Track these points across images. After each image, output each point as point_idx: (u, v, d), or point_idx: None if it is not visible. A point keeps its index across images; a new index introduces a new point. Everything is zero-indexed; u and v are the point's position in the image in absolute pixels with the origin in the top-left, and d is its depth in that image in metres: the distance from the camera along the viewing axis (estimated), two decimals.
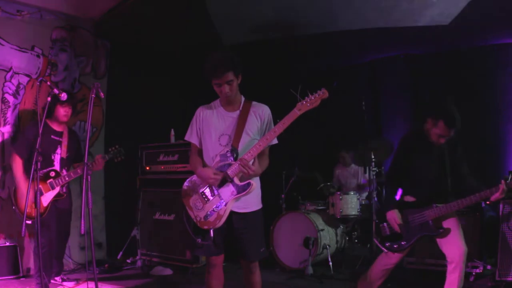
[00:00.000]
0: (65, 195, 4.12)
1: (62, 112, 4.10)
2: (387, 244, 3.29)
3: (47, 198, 3.98)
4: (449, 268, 3.09)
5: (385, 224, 3.30)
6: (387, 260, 3.32)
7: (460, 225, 3.17)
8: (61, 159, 4.16)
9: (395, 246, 3.25)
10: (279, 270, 4.93)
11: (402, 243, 3.22)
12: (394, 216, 3.19)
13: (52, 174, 4.03)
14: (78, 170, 4.05)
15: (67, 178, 4.04)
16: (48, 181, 4.00)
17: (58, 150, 4.14)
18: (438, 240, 3.18)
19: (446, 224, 3.15)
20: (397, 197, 3.42)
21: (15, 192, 4.05)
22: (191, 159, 2.95)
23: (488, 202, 2.98)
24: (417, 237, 3.19)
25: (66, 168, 4.21)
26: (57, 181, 4.01)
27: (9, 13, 4.72)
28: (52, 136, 4.11)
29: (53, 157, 4.10)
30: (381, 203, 3.41)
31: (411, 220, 3.19)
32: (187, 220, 2.88)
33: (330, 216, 5.14)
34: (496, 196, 2.94)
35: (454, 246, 3.08)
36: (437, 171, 3.23)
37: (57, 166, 4.11)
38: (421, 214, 3.17)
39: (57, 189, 4.02)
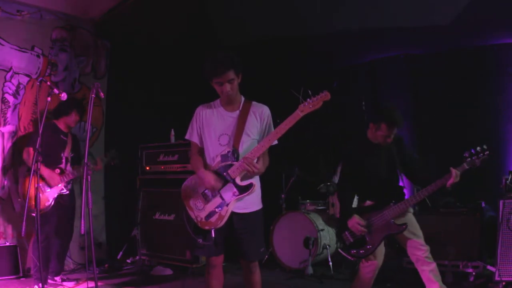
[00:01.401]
0: (68, 192, 4.28)
1: (76, 118, 4.40)
2: (352, 252, 3.28)
3: (52, 193, 4.14)
4: (418, 267, 3.13)
5: (346, 232, 3.28)
6: (366, 269, 3.31)
7: (414, 219, 3.21)
8: (66, 158, 4.33)
9: (361, 251, 3.24)
10: (279, 270, 4.93)
11: (368, 247, 3.21)
12: (356, 221, 3.16)
13: (57, 171, 4.21)
14: (81, 169, 4.18)
15: (71, 176, 4.23)
16: (61, 176, 4.22)
17: (67, 149, 4.35)
18: (400, 239, 3.19)
19: (406, 221, 3.17)
20: (355, 205, 3.42)
21: (24, 185, 4.19)
22: (192, 158, 2.95)
23: (448, 187, 2.99)
24: (381, 238, 3.18)
25: (69, 166, 4.36)
26: (62, 177, 4.20)
27: (9, 13, 4.73)
28: (61, 136, 4.34)
29: (62, 154, 4.30)
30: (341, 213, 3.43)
31: (372, 222, 3.19)
32: (187, 220, 2.88)
33: (330, 216, 5.14)
34: (451, 181, 2.97)
35: (414, 247, 3.12)
36: (388, 170, 3.27)
37: (64, 165, 4.30)
38: (381, 215, 3.17)
39: (62, 185, 4.20)
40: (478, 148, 3.04)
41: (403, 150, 3.30)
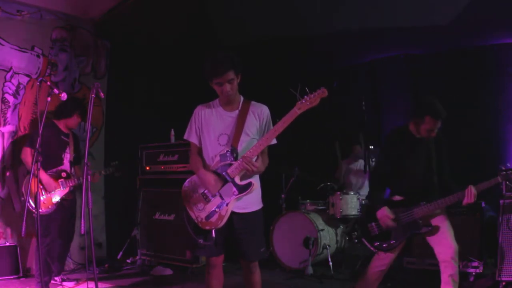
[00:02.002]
0: (71, 196, 4.26)
1: (77, 121, 4.36)
2: (376, 244, 3.26)
3: (56, 197, 4.10)
4: (441, 267, 3.09)
5: (373, 223, 3.27)
6: (380, 261, 3.29)
7: (449, 223, 3.16)
8: (70, 161, 4.31)
9: (384, 245, 3.23)
10: (279, 270, 4.93)
11: (391, 242, 3.19)
12: (385, 213, 3.15)
13: (64, 174, 4.18)
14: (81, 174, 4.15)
15: (76, 181, 4.19)
16: (60, 180, 4.13)
17: (68, 150, 4.30)
18: (428, 238, 3.17)
19: (434, 222, 3.14)
20: (385, 197, 3.41)
21: (26, 185, 4.15)
22: (191, 158, 2.95)
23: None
24: (406, 235, 3.16)
25: (73, 168, 4.36)
26: (67, 181, 4.15)
27: (9, 13, 4.73)
28: (62, 137, 4.28)
29: (63, 156, 4.25)
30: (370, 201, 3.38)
31: (400, 218, 3.17)
32: (187, 220, 2.87)
33: (330, 216, 5.14)
34: (466, 201, 2.96)
35: (444, 246, 3.08)
36: (424, 167, 3.23)
37: (66, 166, 4.26)
38: (410, 212, 3.15)
39: (67, 189, 4.16)
40: None
41: (442, 150, 3.26)
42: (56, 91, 3.26)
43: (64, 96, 3.31)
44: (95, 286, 2.82)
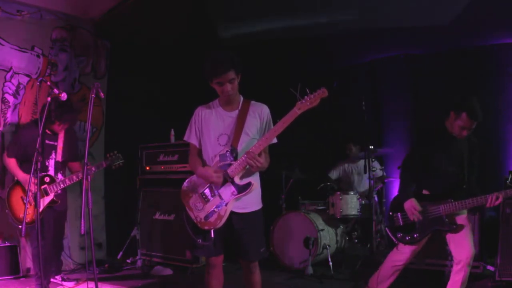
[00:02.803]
0: (59, 201, 4.01)
1: (57, 127, 4.04)
2: (399, 235, 3.27)
3: (41, 204, 3.85)
4: (455, 268, 3.10)
5: (398, 214, 3.27)
6: (398, 256, 3.29)
7: (470, 224, 3.18)
8: (56, 163, 4.09)
9: (407, 237, 3.23)
10: (279, 270, 4.93)
11: (415, 235, 3.20)
12: (413, 205, 3.16)
13: (47, 179, 3.93)
14: (74, 177, 3.98)
15: (62, 185, 3.98)
16: (43, 186, 3.89)
17: (53, 155, 4.08)
18: (448, 237, 3.18)
19: (459, 220, 3.15)
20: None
21: (9, 195, 3.98)
22: (190, 159, 2.95)
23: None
24: (430, 230, 3.17)
25: (61, 172, 4.16)
26: (51, 187, 3.94)
27: (9, 13, 4.73)
28: (46, 141, 4.03)
29: (47, 162, 4.03)
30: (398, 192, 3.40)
31: (426, 212, 3.17)
32: (187, 220, 2.88)
33: (330, 216, 5.14)
34: (493, 203, 3.00)
35: (463, 247, 3.09)
36: (455, 166, 3.23)
37: (51, 171, 4.05)
38: (437, 207, 3.15)
39: (51, 196, 3.94)
40: None
41: (474, 152, 3.27)
42: (56, 91, 3.25)
43: (64, 96, 3.30)
44: (95, 286, 2.82)
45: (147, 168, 5.32)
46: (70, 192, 4.40)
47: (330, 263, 4.73)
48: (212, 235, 2.74)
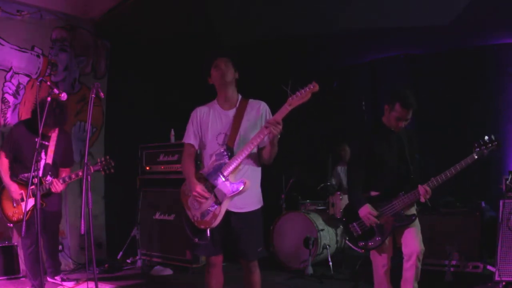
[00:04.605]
0: (44, 204, 3.90)
1: (45, 129, 3.86)
2: (361, 244, 3.22)
3: (28, 205, 3.70)
4: (406, 265, 3.09)
5: (354, 224, 3.22)
6: (377, 261, 3.26)
7: (417, 219, 3.17)
8: (46, 164, 3.99)
9: (370, 243, 3.18)
10: (279, 270, 4.93)
11: (377, 238, 3.15)
12: (368, 211, 3.09)
13: (35, 180, 3.65)
14: (73, 176, 3.90)
15: (48, 186, 3.86)
16: (31, 187, 3.64)
17: (43, 155, 3.99)
18: (399, 233, 3.15)
19: (412, 212, 3.14)
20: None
21: (0, 194, 3.98)
22: (183, 161, 2.93)
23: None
24: (390, 229, 3.13)
25: (50, 173, 4.03)
26: (40, 188, 3.78)
27: (9, 13, 4.73)
28: (36, 140, 3.78)
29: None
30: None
31: (383, 213, 3.13)
32: (185, 219, 2.88)
33: (330, 216, 5.14)
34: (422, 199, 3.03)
35: (413, 241, 3.08)
36: (399, 159, 3.20)
37: (39, 172, 3.86)
38: (391, 205, 3.12)
39: (38, 197, 3.67)
40: (487, 138, 3.00)
41: (411, 143, 3.26)
42: (56, 91, 3.25)
43: (64, 96, 3.30)
44: (95, 286, 2.82)
45: (147, 168, 5.32)
46: (70, 192, 4.40)
47: (330, 263, 4.74)
48: (208, 234, 2.74)
